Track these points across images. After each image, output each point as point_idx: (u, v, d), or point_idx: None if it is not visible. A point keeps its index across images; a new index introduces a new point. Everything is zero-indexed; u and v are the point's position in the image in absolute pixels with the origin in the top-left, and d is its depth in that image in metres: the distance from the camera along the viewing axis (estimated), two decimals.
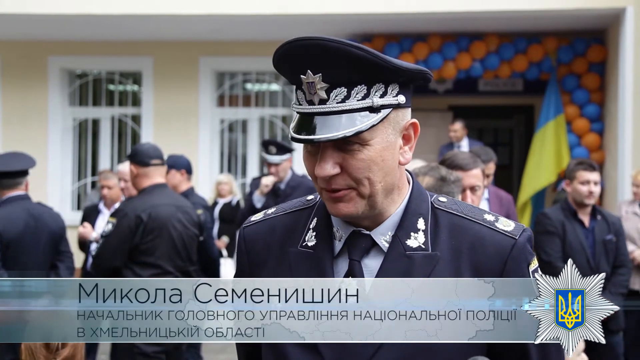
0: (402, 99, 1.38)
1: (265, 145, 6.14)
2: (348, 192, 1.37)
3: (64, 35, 9.07)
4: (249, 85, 9.72)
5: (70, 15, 8.06)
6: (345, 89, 1.33)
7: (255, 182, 6.29)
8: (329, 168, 1.35)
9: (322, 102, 1.34)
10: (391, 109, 1.37)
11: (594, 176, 4.68)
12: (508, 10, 7.67)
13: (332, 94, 1.33)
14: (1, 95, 9.41)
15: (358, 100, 1.34)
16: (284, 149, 6.01)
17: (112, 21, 8.32)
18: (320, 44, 1.31)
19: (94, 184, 9.69)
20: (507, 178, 11.39)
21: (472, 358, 1.28)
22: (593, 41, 8.44)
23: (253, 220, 1.58)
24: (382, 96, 1.35)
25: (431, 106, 9.79)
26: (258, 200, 5.95)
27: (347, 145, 1.34)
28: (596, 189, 4.70)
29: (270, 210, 1.58)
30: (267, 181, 5.96)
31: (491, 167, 4.83)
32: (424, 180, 2.86)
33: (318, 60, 1.32)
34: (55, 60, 9.39)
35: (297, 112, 1.39)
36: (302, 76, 1.34)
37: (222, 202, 7.62)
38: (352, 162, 1.35)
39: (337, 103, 1.33)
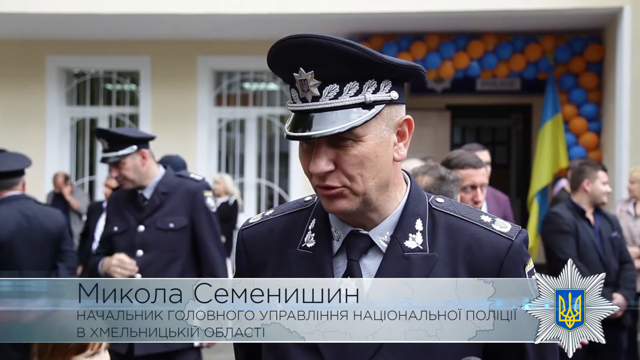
0: (394, 95, 1.38)
1: (97, 137, 3.91)
2: (341, 190, 1.37)
3: (61, 34, 9.06)
4: (246, 85, 9.71)
5: (67, 14, 8.05)
6: (338, 86, 1.34)
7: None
8: (323, 165, 1.35)
9: (315, 99, 1.34)
10: (384, 105, 1.37)
11: (607, 176, 4.94)
12: (506, 9, 7.68)
13: (324, 91, 1.34)
14: None
15: (350, 97, 1.34)
16: (122, 141, 3.77)
17: (109, 20, 8.31)
18: (312, 41, 1.31)
19: (91, 184, 9.68)
20: (505, 177, 11.41)
21: (465, 359, 1.29)
22: (590, 40, 8.45)
23: (251, 223, 1.59)
24: (374, 92, 1.36)
25: (429, 105, 9.79)
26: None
27: (340, 141, 1.35)
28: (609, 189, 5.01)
29: (269, 212, 1.59)
30: (106, 189, 3.52)
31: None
32: (423, 179, 2.87)
33: (310, 58, 1.33)
34: (52, 59, 9.38)
35: (292, 111, 1.40)
36: (294, 74, 1.35)
37: (219, 201, 7.62)
38: (345, 158, 1.35)
39: (329, 100, 1.34)
